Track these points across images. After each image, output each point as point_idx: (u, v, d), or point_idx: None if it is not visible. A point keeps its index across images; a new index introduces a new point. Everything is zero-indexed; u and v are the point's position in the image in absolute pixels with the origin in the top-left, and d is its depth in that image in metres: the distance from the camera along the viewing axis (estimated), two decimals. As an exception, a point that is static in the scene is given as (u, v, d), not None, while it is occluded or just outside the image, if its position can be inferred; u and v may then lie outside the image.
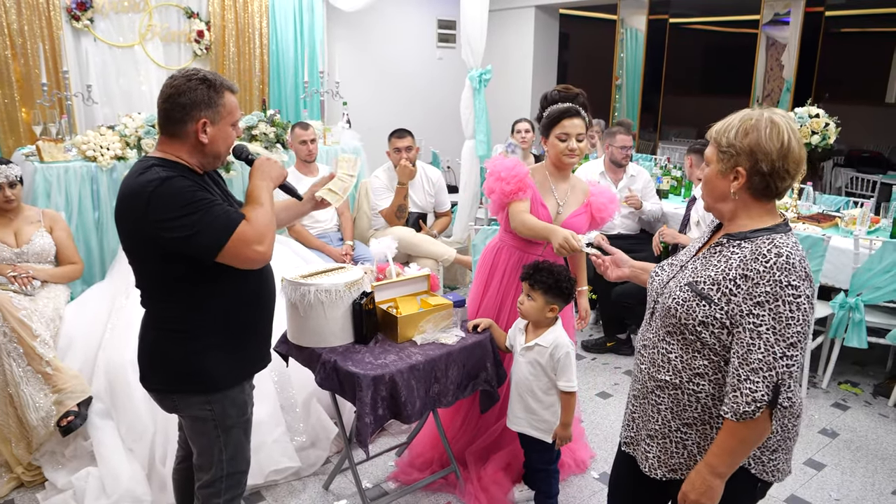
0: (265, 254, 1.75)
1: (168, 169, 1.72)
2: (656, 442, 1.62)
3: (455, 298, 2.63)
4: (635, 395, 1.70)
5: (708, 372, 1.51)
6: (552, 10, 7.45)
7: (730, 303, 1.44)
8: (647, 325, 1.67)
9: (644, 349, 1.66)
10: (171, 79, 1.76)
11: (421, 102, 7.10)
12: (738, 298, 1.43)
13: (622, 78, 7.61)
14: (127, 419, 2.74)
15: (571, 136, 2.52)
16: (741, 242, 1.49)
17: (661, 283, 1.64)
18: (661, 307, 1.59)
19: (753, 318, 1.40)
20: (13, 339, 2.77)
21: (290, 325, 2.45)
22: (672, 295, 1.55)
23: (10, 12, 4.33)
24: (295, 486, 2.80)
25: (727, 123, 1.50)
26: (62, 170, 3.71)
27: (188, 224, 1.65)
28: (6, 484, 2.75)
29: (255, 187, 1.83)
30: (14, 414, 2.80)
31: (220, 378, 1.85)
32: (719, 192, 1.53)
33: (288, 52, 5.72)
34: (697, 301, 1.49)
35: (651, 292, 1.68)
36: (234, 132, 1.85)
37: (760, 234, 1.48)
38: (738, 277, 1.44)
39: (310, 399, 2.95)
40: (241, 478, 1.98)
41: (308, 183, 4.17)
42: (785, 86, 6.40)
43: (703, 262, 1.55)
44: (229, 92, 1.81)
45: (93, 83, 4.61)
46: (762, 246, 1.44)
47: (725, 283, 1.46)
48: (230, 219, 1.70)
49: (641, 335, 1.70)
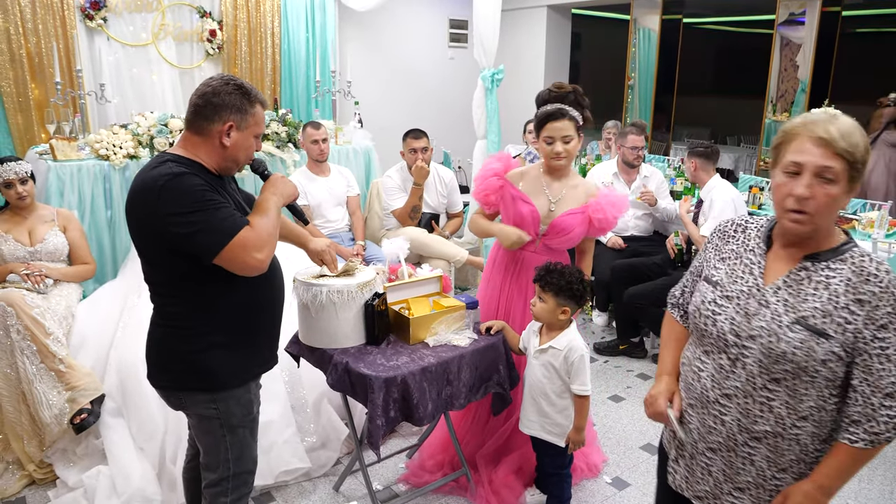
0: (263, 262, 1.75)
1: (182, 166, 1.73)
2: (748, 494, 1.51)
3: (467, 300, 2.61)
4: (712, 449, 1.53)
5: (813, 412, 1.41)
6: (564, 9, 7.41)
7: (845, 332, 1.35)
8: (728, 373, 1.47)
9: (728, 400, 1.47)
10: (210, 79, 1.82)
11: (432, 102, 7.09)
12: (857, 325, 1.35)
13: (635, 78, 7.55)
14: (138, 418, 2.74)
15: (556, 140, 2.51)
16: (829, 263, 1.39)
17: (738, 324, 1.46)
18: (758, 353, 1.42)
19: (879, 342, 1.34)
20: (26, 336, 2.78)
21: (301, 325, 2.44)
22: (783, 338, 1.38)
23: (25, 11, 4.35)
24: (305, 487, 2.79)
25: (846, 131, 1.33)
26: (75, 168, 3.73)
27: (193, 221, 1.66)
28: (18, 481, 2.76)
29: (264, 199, 1.87)
30: (27, 411, 2.81)
31: (225, 377, 1.85)
32: (836, 212, 1.38)
33: (300, 51, 5.72)
34: (816, 339, 1.36)
35: (725, 336, 1.47)
36: (256, 144, 1.88)
37: (845, 249, 1.39)
38: (852, 303, 1.35)
39: (321, 400, 2.94)
40: (247, 478, 1.98)
41: (320, 184, 4.17)
42: (800, 87, 6.33)
43: (793, 293, 1.41)
44: (261, 105, 1.86)
45: (106, 82, 4.63)
46: (864, 264, 1.36)
47: (838, 313, 1.36)
48: (234, 222, 1.71)
49: (718, 385, 1.49)
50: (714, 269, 1.57)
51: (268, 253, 1.77)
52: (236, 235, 1.70)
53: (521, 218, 2.56)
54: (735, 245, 1.56)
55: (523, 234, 2.52)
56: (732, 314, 1.47)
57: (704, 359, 1.53)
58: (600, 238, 4.49)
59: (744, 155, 8.56)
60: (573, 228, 2.52)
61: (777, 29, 6.31)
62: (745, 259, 1.51)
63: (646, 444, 3.17)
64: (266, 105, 1.91)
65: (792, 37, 6.34)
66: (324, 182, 4.20)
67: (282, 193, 1.92)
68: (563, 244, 2.58)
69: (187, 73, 5.28)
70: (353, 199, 4.36)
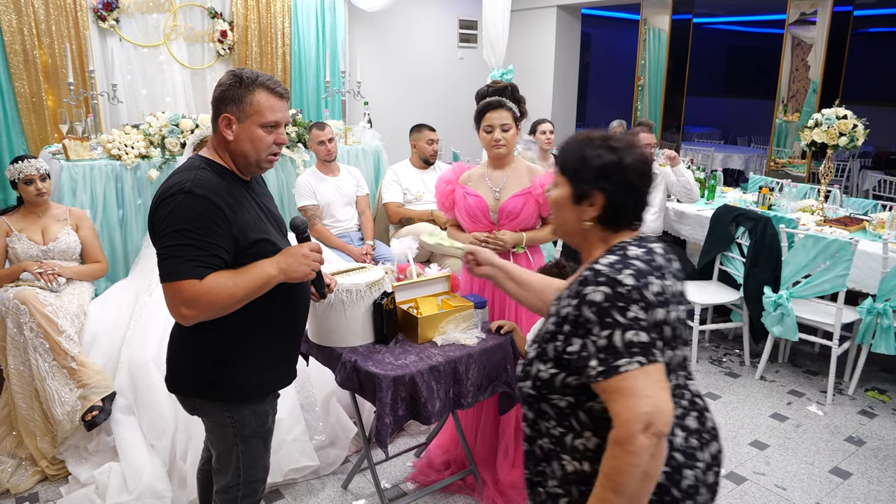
0: (186, 317, 1.63)
1: (209, 173, 1.70)
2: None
3: (475, 299, 2.62)
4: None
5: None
6: (574, 9, 7.40)
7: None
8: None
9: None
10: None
11: (442, 102, 7.09)
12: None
13: (645, 78, 7.53)
14: (149, 416, 2.77)
15: (496, 128, 2.65)
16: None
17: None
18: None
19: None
20: (39, 334, 2.81)
21: (310, 324, 2.45)
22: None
23: (39, 13, 4.40)
24: (314, 484, 2.81)
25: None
26: (87, 168, 3.76)
27: (167, 245, 1.62)
28: (31, 477, 2.79)
29: (258, 267, 1.70)
30: (39, 408, 2.84)
31: (243, 390, 1.83)
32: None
33: (310, 52, 5.75)
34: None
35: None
36: (268, 136, 1.74)
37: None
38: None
39: (329, 398, 2.96)
40: (257, 486, 1.96)
41: (329, 183, 4.19)
42: (811, 87, 6.29)
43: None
44: (266, 91, 1.72)
45: (118, 82, 4.66)
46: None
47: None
48: (187, 268, 1.60)
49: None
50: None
51: (200, 313, 1.63)
52: (177, 281, 1.60)
53: (472, 210, 2.69)
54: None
55: (478, 234, 2.65)
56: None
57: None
58: None
59: (754, 155, 8.53)
60: (520, 210, 2.65)
61: (788, 29, 6.28)
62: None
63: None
64: (277, 90, 1.74)
65: (803, 37, 6.31)
66: (333, 182, 4.22)
67: (287, 272, 1.73)
68: (517, 227, 2.68)
69: (198, 73, 5.31)
70: (363, 198, 4.38)
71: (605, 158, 1.35)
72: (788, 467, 3.01)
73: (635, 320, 1.23)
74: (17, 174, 3.09)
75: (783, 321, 3.60)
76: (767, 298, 3.65)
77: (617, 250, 1.35)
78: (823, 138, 4.14)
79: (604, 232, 1.40)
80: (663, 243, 1.43)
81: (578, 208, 1.39)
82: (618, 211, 1.38)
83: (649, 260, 1.32)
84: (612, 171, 1.35)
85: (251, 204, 1.79)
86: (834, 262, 3.43)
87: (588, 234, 1.42)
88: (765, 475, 2.95)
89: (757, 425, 3.37)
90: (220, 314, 1.68)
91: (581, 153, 1.38)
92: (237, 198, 1.72)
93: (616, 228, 1.40)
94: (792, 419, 3.43)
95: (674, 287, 1.34)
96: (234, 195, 1.72)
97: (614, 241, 1.39)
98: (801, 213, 4.35)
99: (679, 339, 1.35)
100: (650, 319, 1.25)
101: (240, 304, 1.68)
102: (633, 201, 1.39)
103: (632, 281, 1.26)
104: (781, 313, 3.59)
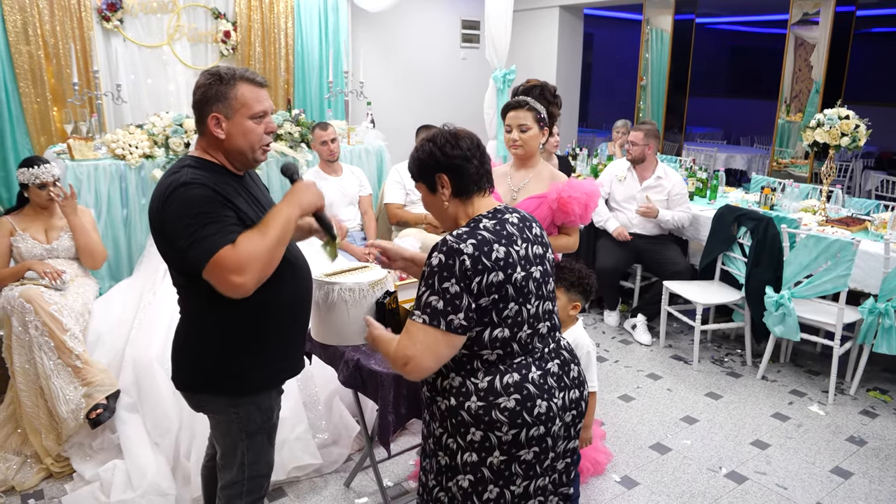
0: (243, 286, 1.60)
1: (199, 170, 1.70)
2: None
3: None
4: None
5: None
6: (576, 10, 7.41)
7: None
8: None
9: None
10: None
11: (444, 102, 7.11)
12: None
13: (647, 79, 7.53)
14: (153, 414, 2.78)
15: (514, 128, 2.62)
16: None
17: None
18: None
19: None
20: (44, 332, 2.83)
21: (313, 322, 2.46)
22: None
23: (44, 13, 4.42)
24: (316, 482, 2.82)
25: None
26: (92, 167, 3.78)
27: (188, 234, 1.61)
28: (36, 475, 2.81)
29: (275, 212, 1.71)
30: (44, 406, 2.86)
31: (248, 383, 1.84)
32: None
33: (313, 52, 5.76)
34: None
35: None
36: (258, 126, 1.75)
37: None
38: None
39: (332, 397, 2.97)
40: (262, 481, 1.97)
41: (332, 183, 4.21)
42: (814, 87, 6.29)
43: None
44: (246, 83, 1.72)
45: (122, 82, 4.69)
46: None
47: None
48: (215, 240, 1.59)
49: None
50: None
51: (251, 275, 1.61)
52: (214, 255, 1.58)
53: None
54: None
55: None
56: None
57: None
58: (607, 229, 4.52)
59: (757, 156, 8.52)
60: (532, 213, 2.56)
61: (791, 29, 6.28)
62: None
63: (655, 444, 3.18)
64: (257, 80, 1.75)
65: (806, 37, 6.30)
66: (336, 181, 4.24)
67: (299, 204, 1.74)
68: None
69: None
70: (365, 198, 4.40)
71: (427, 150, 1.65)
72: (790, 467, 3.02)
73: (444, 290, 1.50)
74: (32, 179, 3.07)
75: (785, 321, 3.61)
76: (769, 298, 3.66)
77: (472, 223, 1.61)
78: (825, 139, 4.14)
79: (463, 203, 1.66)
80: (520, 213, 1.67)
81: (438, 195, 1.66)
82: (461, 177, 1.63)
83: (499, 230, 1.57)
84: (436, 155, 1.63)
85: (244, 197, 1.80)
86: (836, 263, 3.43)
87: (455, 213, 1.67)
88: (766, 475, 2.96)
89: (758, 425, 3.37)
90: (266, 271, 1.66)
91: (416, 160, 1.69)
92: (229, 191, 1.73)
93: (468, 194, 1.65)
94: (793, 419, 3.44)
95: (526, 251, 1.60)
96: (227, 189, 1.73)
97: (474, 211, 1.65)
98: (803, 213, 4.36)
99: (531, 293, 1.59)
100: (470, 289, 1.50)
101: (278, 254, 1.69)
102: (463, 164, 1.63)
103: (471, 249, 1.50)
104: (783, 313, 3.60)
